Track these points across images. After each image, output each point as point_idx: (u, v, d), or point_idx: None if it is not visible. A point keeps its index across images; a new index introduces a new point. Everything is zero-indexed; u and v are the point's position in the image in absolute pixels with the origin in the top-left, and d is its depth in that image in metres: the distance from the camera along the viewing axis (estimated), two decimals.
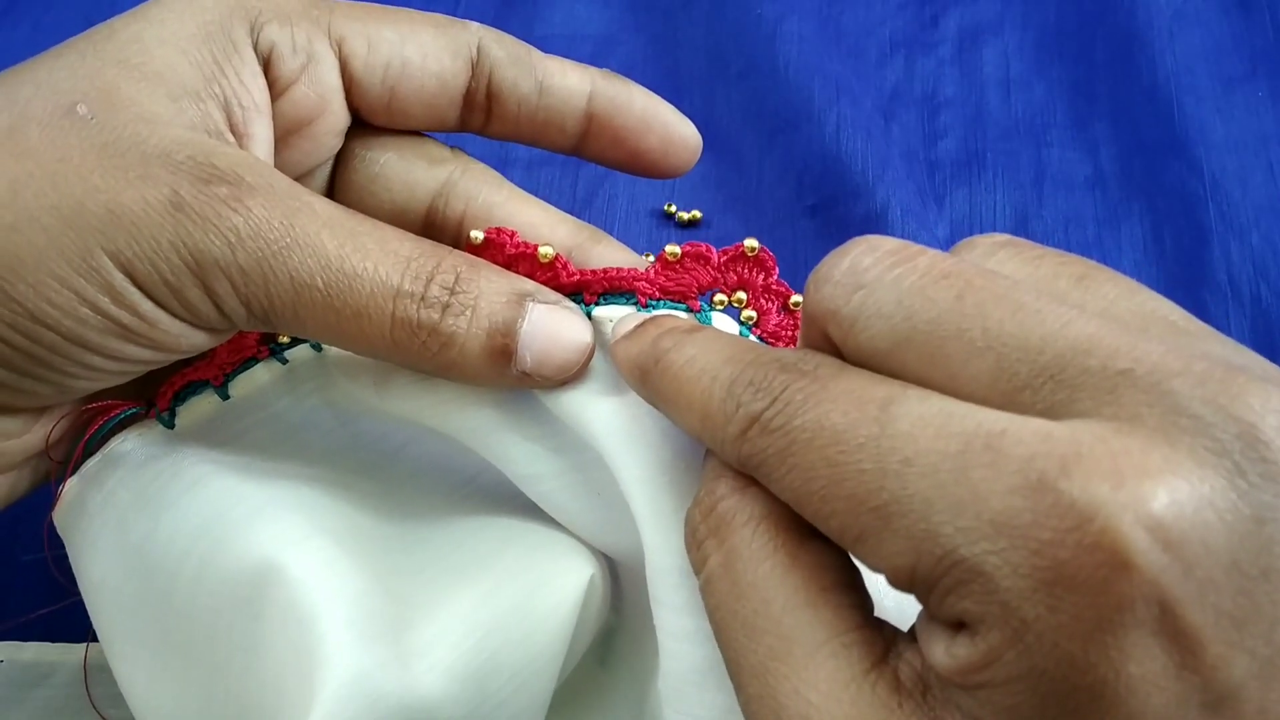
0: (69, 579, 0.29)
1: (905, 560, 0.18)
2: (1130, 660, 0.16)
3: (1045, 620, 0.16)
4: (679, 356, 0.23)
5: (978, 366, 0.19)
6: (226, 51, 0.27)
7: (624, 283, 0.28)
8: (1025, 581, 0.16)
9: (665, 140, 0.31)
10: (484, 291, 0.26)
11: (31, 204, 0.24)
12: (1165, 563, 0.16)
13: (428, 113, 0.30)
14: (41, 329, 0.24)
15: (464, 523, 0.30)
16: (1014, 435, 0.17)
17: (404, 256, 0.26)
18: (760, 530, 0.21)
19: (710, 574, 0.22)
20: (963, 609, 0.17)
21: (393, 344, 0.26)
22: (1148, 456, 0.16)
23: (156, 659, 0.28)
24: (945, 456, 0.17)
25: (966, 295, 0.19)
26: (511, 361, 0.26)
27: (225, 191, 0.24)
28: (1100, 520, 0.16)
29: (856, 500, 0.18)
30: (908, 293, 0.20)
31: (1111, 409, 0.17)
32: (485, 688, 0.26)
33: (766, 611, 0.20)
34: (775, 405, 0.20)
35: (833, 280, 0.21)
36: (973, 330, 0.19)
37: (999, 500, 0.17)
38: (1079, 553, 0.16)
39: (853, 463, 0.18)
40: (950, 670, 0.18)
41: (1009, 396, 0.18)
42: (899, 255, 0.20)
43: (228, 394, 0.29)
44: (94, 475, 0.28)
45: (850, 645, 0.20)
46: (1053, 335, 0.18)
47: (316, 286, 0.25)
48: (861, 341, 0.20)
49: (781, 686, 0.20)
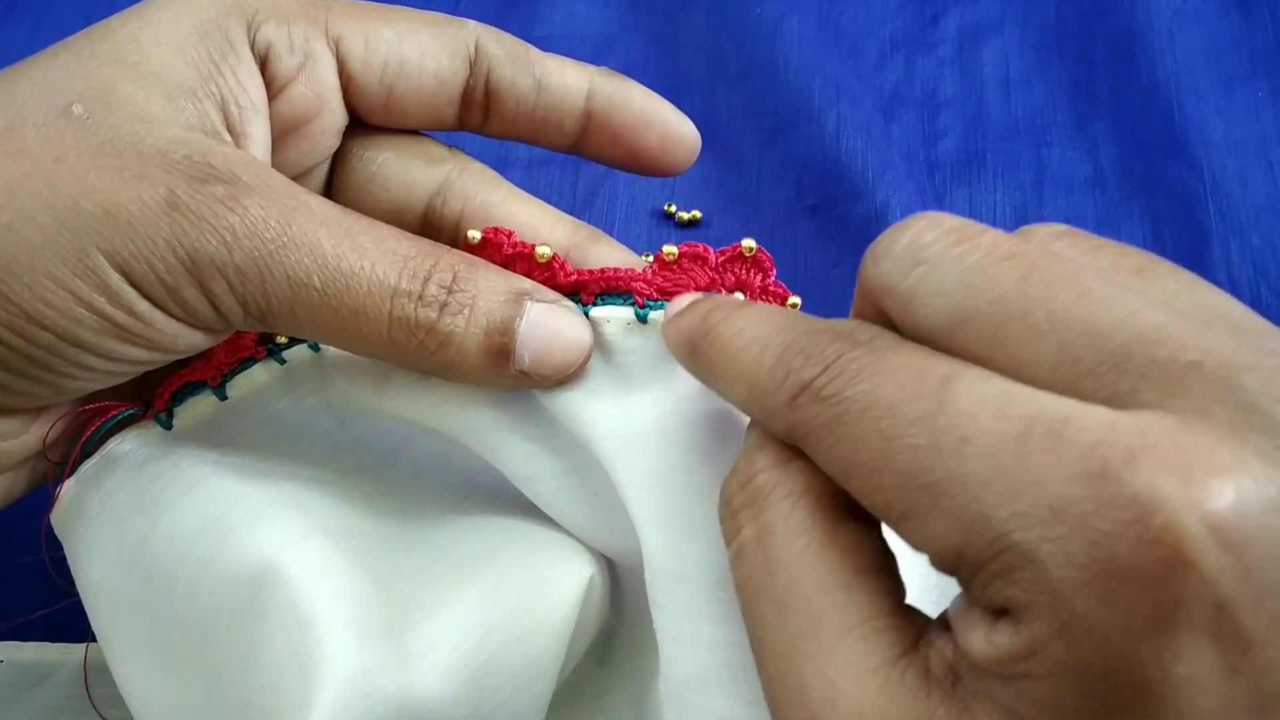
0: (67, 581, 0.29)
1: (952, 541, 0.17)
2: (1180, 661, 0.16)
3: (1096, 614, 0.16)
4: (729, 328, 0.23)
5: (1040, 350, 0.18)
6: (223, 50, 0.27)
7: (621, 283, 0.28)
8: (1080, 572, 0.16)
9: (664, 138, 0.31)
10: (482, 290, 0.26)
11: (27, 204, 0.24)
12: (1226, 564, 0.15)
13: (426, 111, 0.30)
14: (37, 329, 0.24)
15: (463, 523, 0.30)
16: (1078, 422, 0.17)
17: (401, 255, 0.26)
18: (799, 506, 0.21)
19: (742, 546, 0.21)
20: (1008, 596, 0.17)
21: (390, 343, 0.26)
22: (1215, 453, 0.16)
23: (155, 660, 0.27)
24: (1005, 438, 0.17)
25: (1031, 277, 0.19)
26: (510, 360, 0.26)
27: (221, 191, 0.24)
28: (1164, 515, 0.15)
29: (907, 476, 0.18)
30: (970, 271, 0.19)
31: (1178, 401, 0.17)
32: (485, 688, 0.26)
33: (798, 589, 0.20)
34: (829, 373, 0.20)
35: (893, 255, 0.20)
36: (1037, 313, 0.18)
37: (1059, 486, 0.16)
38: (1139, 546, 0.16)
39: (906, 436, 0.18)
40: (989, 659, 0.17)
41: (1071, 382, 0.18)
42: (962, 233, 0.20)
43: (225, 395, 0.29)
44: (92, 477, 0.28)
45: (882, 630, 0.19)
46: (1120, 322, 0.18)
47: (313, 286, 0.25)
48: (920, 318, 0.20)
49: (807, 667, 0.19)
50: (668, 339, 0.26)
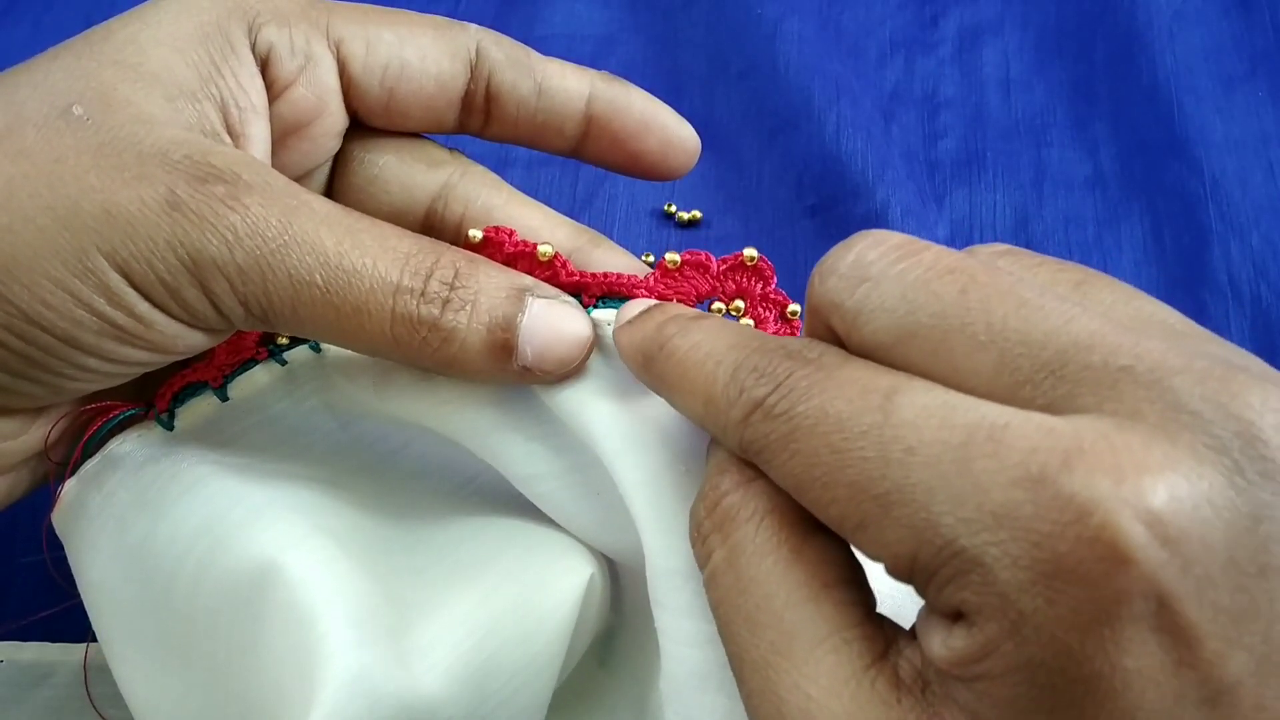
0: (68, 580, 0.29)
1: (905, 549, 0.18)
2: (1126, 654, 0.16)
3: (1043, 612, 0.16)
4: (684, 342, 0.23)
5: (980, 361, 0.19)
6: (224, 52, 0.27)
7: (623, 288, 0.28)
8: (1024, 573, 0.16)
9: (664, 142, 0.31)
10: (483, 287, 0.26)
11: (27, 205, 0.24)
12: (1164, 558, 0.16)
13: (426, 114, 0.30)
14: (36, 330, 0.24)
15: (464, 523, 0.30)
16: (1017, 429, 0.17)
17: (403, 253, 0.26)
18: (764, 525, 0.21)
19: (714, 569, 0.22)
20: (961, 599, 0.17)
21: (393, 341, 0.26)
22: (1148, 452, 0.16)
23: (156, 660, 0.28)
24: (948, 447, 0.18)
25: (970, 290, 0.19)
26: (512, 356, 0.26)
27: (222, 190, 0.24)
28: (1100, 515, 0.16)
29: (858, 488, 0.18)
30: (912, 286, 0.20)
31: (1113, 405, 0.17)
32: (485, 688, 0.26)
33: (769, 606, 0.20)
34: (779, 391, 0.20)
35: (838, 273, 0.21)
36: (976, 325, 0.19)
37: (1000, 492, 0.17)
38: (1078, 546, 0.16)
39: (855, 450, 0.19)
40: (947, 661, 0.18)
41: (1011, 391, 0.18)
42: (904, 250, 0.20)
43: (227, 395, 0.29)
44: (93, 476, 0.28)
45: (851, 641, 0.20)
46: (1055, 331, 0.18)
47: (315, 284, 0.25)
48: (865, 335, 0.20)
49: (782, 681, 0.20)
50: (619, 346, 0.26)
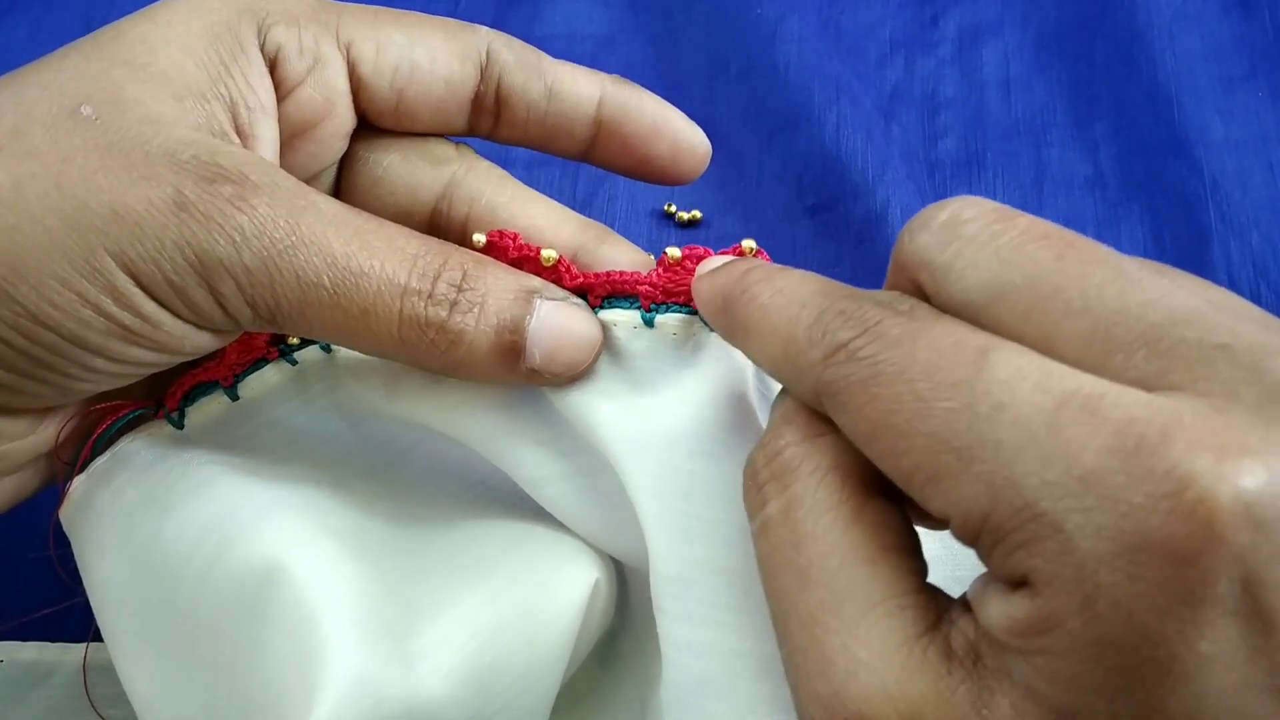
0: (73, 577, 0.29)
1: (979, 505, 0.17)
2: (1204, 638, 0.16)
3: (1122, 587, 0.16)
4: (769, 287, 0.23)
5: (1072, 328, 0.18)
6: (233, 52, 0.27)
7: (627, 286, 0.28)
8: (1108, 544, 0.16)
9: (675, 147, 0.31)
10: (491, 289, 0.26)
11: (34, 205, 0.24)
12: (1256, 541, 0.16)
13: (435, 116, 0.30)
14: (43, 330, 0.24)
15: (470, 526, 0.30)
16: (1114, 399, 0.17)
17: (410, 254, 0.26)
18: (826, 480, 0.21)
19: (767, 519, 0.21)
20: (1031, 567, 0.17)
21: (401, 343, 0.26)
22: (1247, 434, 0.16)
23: (160, 657, 0.27)
24: (1040, 409, 0.17)
25: (1067, 256, 0.19)
26: (520, 358, 0.26)
27: (230, 191, 0.24)
28: (1197, 490, 0.16)
29: (938, 439, 0.18)
30: (1006, 248, 0.19)
31: (1207, 384, 0.17)
32: (488, 690, 0.26)
33: (823, 564, 0.20)
34: (868, 335, 0.20)
35: (930, 229, 0.21)
36: (1070, 291, 0.19)
37: (1092, 458, 0.16)
38: (1171, 520, 0.16)
39: (941, 399, 0.18)
40: (1006, 631, 0.17)
41: (1102, 360, 0.18)
42: (1001, 213, 0.20)
43: (237, 395, 0.29)
44: (102, 474, 0.28)
45: (906, 607, 0.19)
46: (1152, 303, 0.18)
47: (323, 285, 0.25)
48: (955, 292, 0.20)
49: (831, 641, 0.19)
50: (698, 295, 0.26)
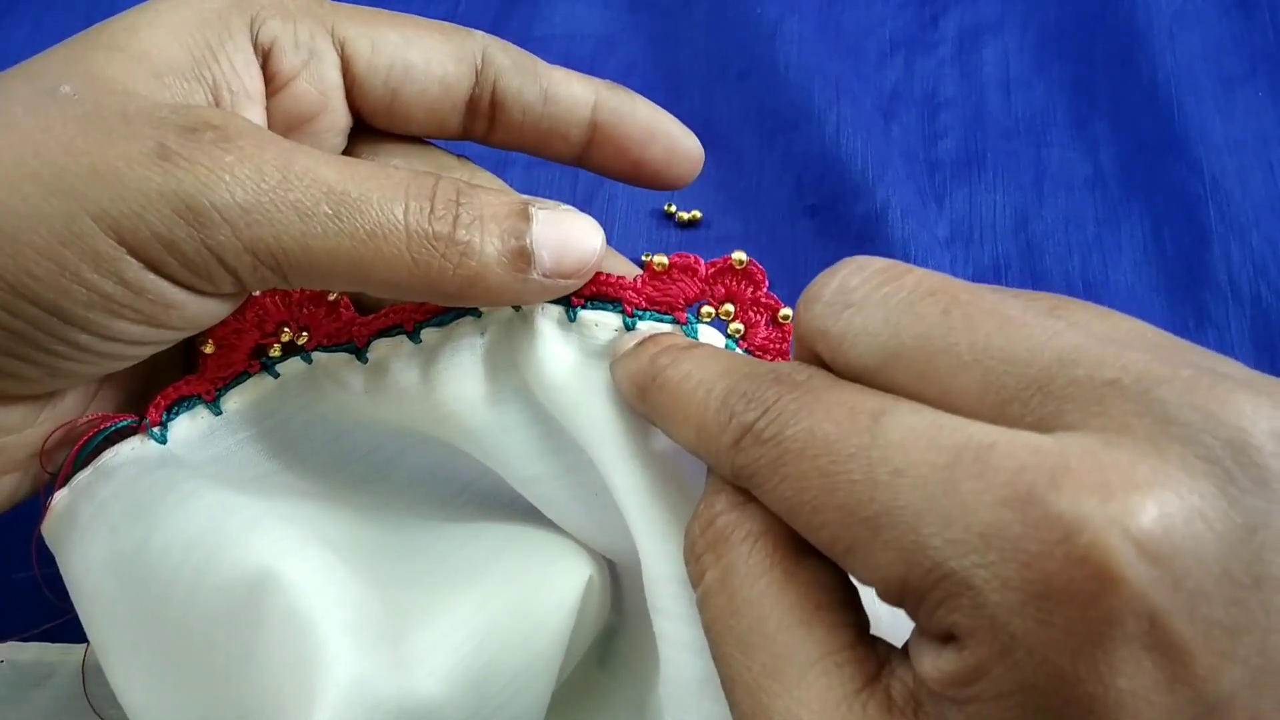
0: (59, 595, 0.28)
1: (895, 572, 0.18)
2: (1120, 675, 0.16)
3: (1034, 634, 0.16)
4: (676, 372, 0.24)
5: (966, 380, 0.19)
6: (220, 38, 0.27)
7: (611, 290, 0.27)
8: (1014, 595, 0.16)
9: (669, 151, 0.31)
10: (487, 204, 0.26)
11: (11, 172, 0.23)
12: (1154, 576, 0.16)
13: (429, 117, 0.30)
14: (23, 303, 0.23)
15: (460, 529, 0.30)
16: (1003, 448, 0.17)
17: (402, 180, 0.25)
18: (758, 546, 0.21)
19: (707, 588, 0.22)
20: (952, 622, 0.17)
21: (413, 263, 0.25)
22: (1136, 468, 0.16)
23: (153, 669, 0.27)
24: (935, 468, 0.17)
25: (953, 310, 0.19)
26: (530, 264, 0.26)
27: (213, 135, 0.24)
28: (1088, 534, 0.16)
29: (847, 511, 0.18)
30: (895, 310, 0.20)
31: (1100, 420, 0.17)
32: (485, 691, 0.26)
33: (761, 628, 0.20)
34: (768, 415, 0.20)
35: (822, 300, 0.21)
36: (960, 344, 0.19)
37: (988, 513, 0.17)
38: (1067, 566, 0.16)
39: (844, 472, 0.18)
40: (939, 683, 0.18)
41: (998, 409, 0.18)
42: (887, 274, 0.20)
43: (220, 409, 0.29)
44: (85, 487, 0.28)
45: (842, 664, 0.20)
46: (1039, 347, 0.18)
47: (324, 212, 0.24)
48: (851, 359, 0.20)
49: (774, 704, 0.20)
50: (616, 381, 0.26)
